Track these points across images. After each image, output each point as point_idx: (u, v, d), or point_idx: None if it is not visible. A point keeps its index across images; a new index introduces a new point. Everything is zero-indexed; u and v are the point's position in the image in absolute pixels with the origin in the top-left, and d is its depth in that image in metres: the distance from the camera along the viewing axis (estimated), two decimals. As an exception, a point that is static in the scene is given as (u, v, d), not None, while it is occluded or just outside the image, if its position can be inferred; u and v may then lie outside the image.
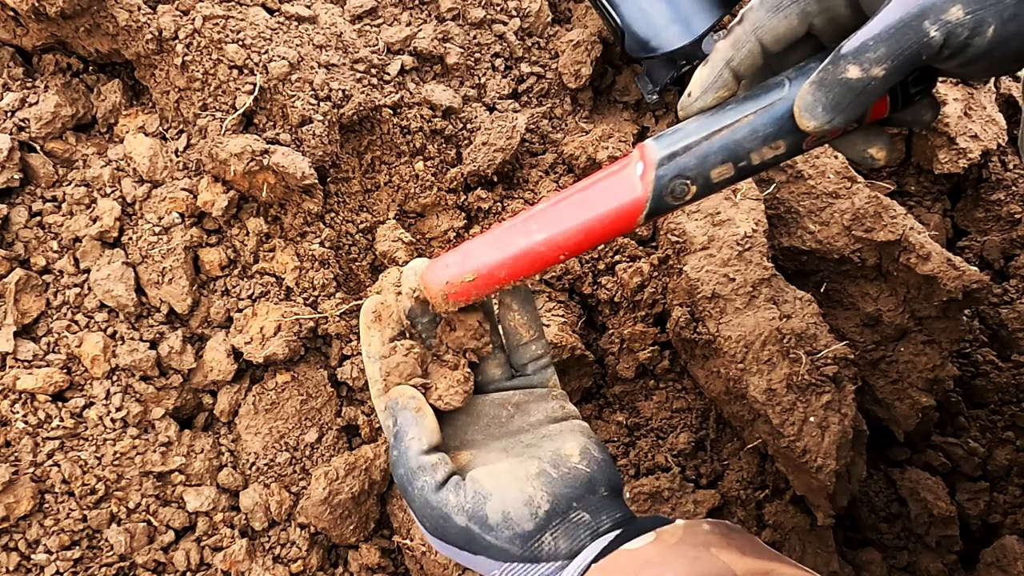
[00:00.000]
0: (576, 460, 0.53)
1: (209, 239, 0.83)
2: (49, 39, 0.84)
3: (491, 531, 0.49)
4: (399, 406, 0.53)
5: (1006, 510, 0.94)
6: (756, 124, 0.48)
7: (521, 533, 0.49)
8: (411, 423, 0.53)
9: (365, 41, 0.91)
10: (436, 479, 0.51)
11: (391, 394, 0.54)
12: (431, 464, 0.51)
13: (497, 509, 0.50)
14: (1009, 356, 1.04)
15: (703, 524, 0.49)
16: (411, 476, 0.51)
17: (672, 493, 0.83)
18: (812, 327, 0.81)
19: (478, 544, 0.50)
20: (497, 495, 0.50)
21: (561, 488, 0.51)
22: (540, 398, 0.57)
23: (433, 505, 0.50)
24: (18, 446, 0.76)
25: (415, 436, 0.52)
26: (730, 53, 0.49)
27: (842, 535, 0.92)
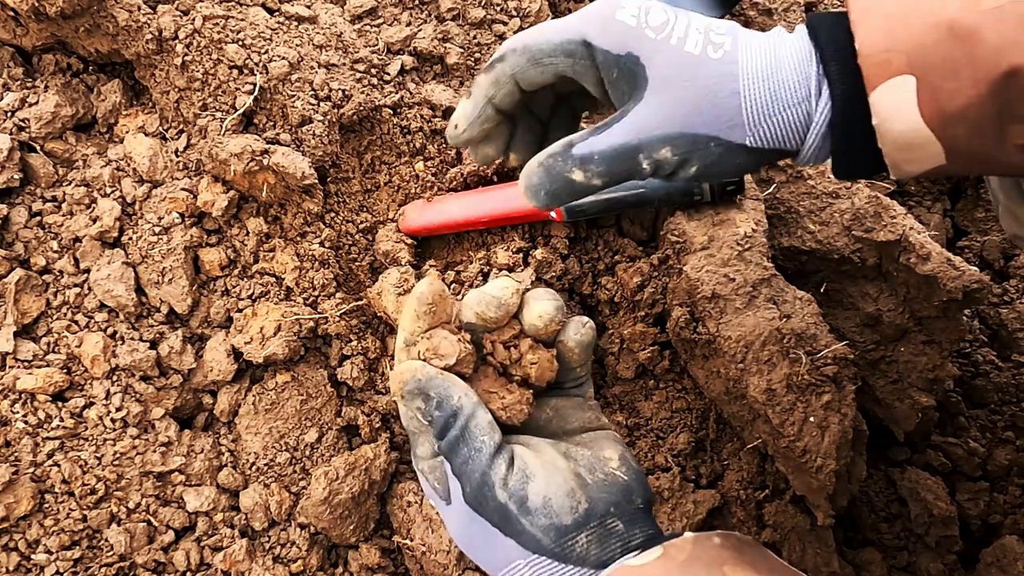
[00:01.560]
0: (615, 465, 0.52)
1: (209, 239, 0.83)
2: (49, 39, 0.84)
3: (528, 515, 0.48)
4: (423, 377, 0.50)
5: (1006, 510, 0.94)
6: None
7: (558, 525, 0.48)
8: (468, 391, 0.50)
9: (365, 41, 0.91)
10: (495, 440, 0.49)
11: (444, 376, 0.51)
12: (491, 425, 0.50)
13: (539, 492, 0.48)
14: (1009, 356, 1.04)
15: (713, 538, 0.48)
16: (471, 435, 0.49)
17: (672, 493, 0.83)
18: (812, 327, 0.81)
19: (512, 526, 0.48)
20: (541, 478, 0.49)
21: (599, 492, 0.50)
22: (577, 407, 0.57)
23: (483, 469, 0.48)
24: (18, 446, 0.76)
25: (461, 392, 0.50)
26: (491, 91, 0.53)
27: (842, 535, 0.92)
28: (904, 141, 0.46)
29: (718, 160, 0.48)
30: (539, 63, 0.51)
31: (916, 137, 0.45)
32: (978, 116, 0.43)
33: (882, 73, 0.44)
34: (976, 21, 0.42)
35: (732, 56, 0.48)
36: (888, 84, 0.44)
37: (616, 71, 0.49)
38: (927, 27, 0.43)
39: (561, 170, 0.50)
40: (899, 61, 0.44)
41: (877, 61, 0.44)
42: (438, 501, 0.52)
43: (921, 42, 0.43)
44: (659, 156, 0.48)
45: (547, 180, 0.50)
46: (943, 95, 0.44)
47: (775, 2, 0.96)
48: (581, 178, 0.49)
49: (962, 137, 0.45)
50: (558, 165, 0.50)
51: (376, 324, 0.86)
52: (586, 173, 0.49)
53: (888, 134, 0.46)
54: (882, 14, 0.45)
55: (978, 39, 0.42)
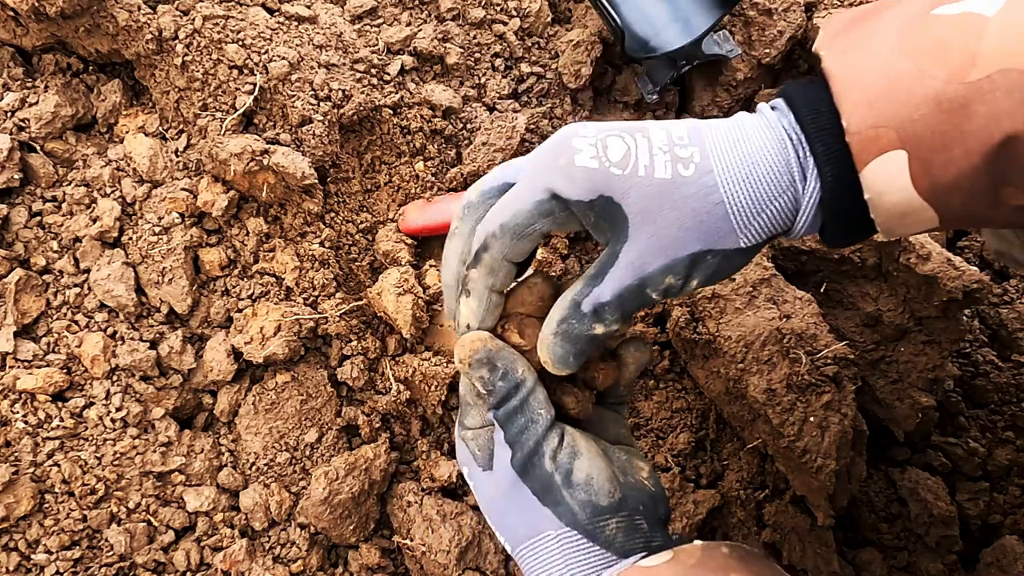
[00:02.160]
0: (645, 475, 0.54)
1: (209, 239, 0.83)
2: (49, 39, 0.84)
3: (570, 487, 0.50)
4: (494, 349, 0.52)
5: (1006, 510, 0.94)
6: None
7: (595, 504, 0.50)
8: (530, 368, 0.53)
9: (365, 41, 0.91)
10: (551, 415, 0.51)
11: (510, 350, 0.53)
12: (548, 401, 0.52)
13: (583, 470, 0.50)
14: (1009, 356, 1.04)
15: (722, 547, 0.49)
16: (529, 407, 0.51)
17: (672, 493, 0.83)
18: (812, 327, 0.81)
19: (552, 496, 0.50)
20: (587, 458, 0.51)
21: (631, 491, 0.52)
22: (613, 421, 0.59)
23: (537, 439, 0.51)
24: (18, 446, 0.76)
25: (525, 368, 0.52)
26: (490, 281, 0.52)
27: (842, 535, 0.92)
28: (898, 211, 0.46)
29: (718, 269, 0.49)
30: (523, 236, 0.51)
31: (910, 207, 0.45)
32: (971, 184, 0.43)
33: (872, 149, 0.44)
34: (964, 94, 0.41)
35: (705, 166, 0.47)
36: (879, 160, 0.44)
37: (593, 216, 0.49)
38: (914, 102, 0.43)
39: (580, 331, 0.50)
40: (888, 136, 0.43)
41: (866, 138, 0.44)
42: (474, 468, 0.54)
43: (909, 117, 0.43)
44: (664, 285, 0.48)
45: (570, 345, 0.50)
46: (935, 168, 0.43)
47: (775, 2, 0.96)
48: (603, 331, 0.50)
49: (956, 203, 0.44)
50: (574, 328, 0.50)
51: (376, 324, 0.86)
52: (604, 323, 0.49)
53: (882, 206, 0.46)
54: (865, 89, 0.44)
55: (968, 112, 0.41)
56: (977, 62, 0.41)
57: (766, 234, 0.48)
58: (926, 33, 0.43)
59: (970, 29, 0.42)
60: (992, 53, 0.41)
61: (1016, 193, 0.43)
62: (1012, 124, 0.40)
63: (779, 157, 0.47)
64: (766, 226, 0.48)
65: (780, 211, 0.47)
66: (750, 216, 0.47)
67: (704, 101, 1.00)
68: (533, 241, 0.51)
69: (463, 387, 0.55)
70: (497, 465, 0.52)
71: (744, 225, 0.47)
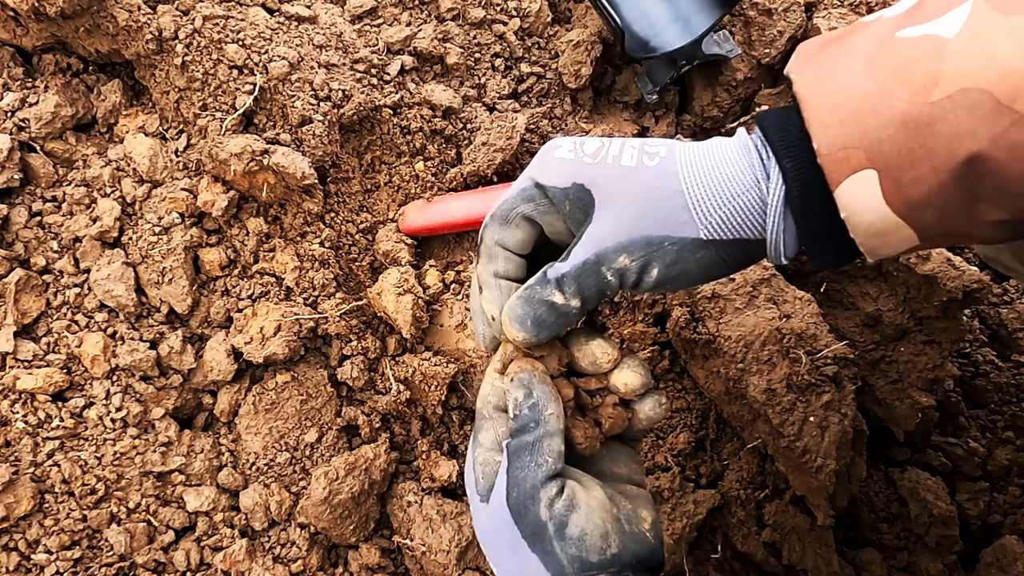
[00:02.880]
0: (647, 527, 0.54)
1: (209, 239, 0.83)
2: (49, 39, 0.84)
3: (562, 540, 0.50)
4: (538, 380, 0.54)
5: (1006, 510, 0.94)
6: None
7: (584, 560, 0.50)
8: (561, 414, 0.53)
9: (365, 41, 0.91)
10: (557, 467, 0.52)
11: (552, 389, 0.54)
12: (560, 454, 0.52)
13: (578, 524, 0.50)
14: (1009, 356, 1.04)
15: None
16: (541, 449, 0.52)
17: (672, 493, 0.83)
18: (812, 327, 0.81)
19: (542, 544, 0.50)
20: (584, 511, 0.51)
21: (630, 543, 0.52)
22: (628, 455, 0.59)
23: (536, 483, 0.51)
24: (18, 446, 0.76)
25: (555, 413, 0.53)
26: (491, 267, 0.55)
27: (842, 535, 0.92)
28: (875, 230, 0.47)
29: (676, 258, 0.49)
30: (508, 220, 0.54)
31: (885, 225, 0.46)
32: (943, 201, 0.44)
33: (843, 170, 0.45)
34: (928, 113, 0.42)
35: (669, 160, 0.50)
36: (851, 180, 0.45)
37: (568, 203, 0.52)
38: (881, 122, 0.44)
39: (539, 296, 0.52)
40: (858, 157, 0.45)
41: (837, 159, 0.45)
42: (473, 494, 0.54)
43: (877, 137, 0.44)
44: (618, 265, 0.50)
45: (530, 308, 0.52)
46: (906, 186, 0.44)
47: (775, 2, 0.96)
48: (561, 300, 0.51)
49: (931, 220, 0.45)
50: (536, 293, 0.52)
51: (376, 324, 0.86)
52: (564, 294, 0.51)
53: (859, 225, 0.47)
54: (835, 111, 0.45)
55: (932, 130, 0.43)
56: (940, 82, 0.42)
57: (732, 231, 0.49)
58: (891, 55, 0.45)
59: (932, 50, 0.43)
60: (953, 73, 0.42)
61: (989, 209, 0.44)
62: (975, 143, 0.42)
63: (743, 160, 0.49)
64: (730, 222, 0.49)
65: (744, 209, 0.49)
66: (710, 208, 0.49)
67: (704, 101, 1.00)
68: (518, 226, 0.54)
69: (486, 395, 0.56)
70: (494, 499, 0.52)
71: (704, 216, 0.49)
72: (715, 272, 0.51)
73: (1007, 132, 0.41)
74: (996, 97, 0.41)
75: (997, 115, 0.41)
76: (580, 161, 0.52)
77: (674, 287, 0.52)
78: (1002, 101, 0.41)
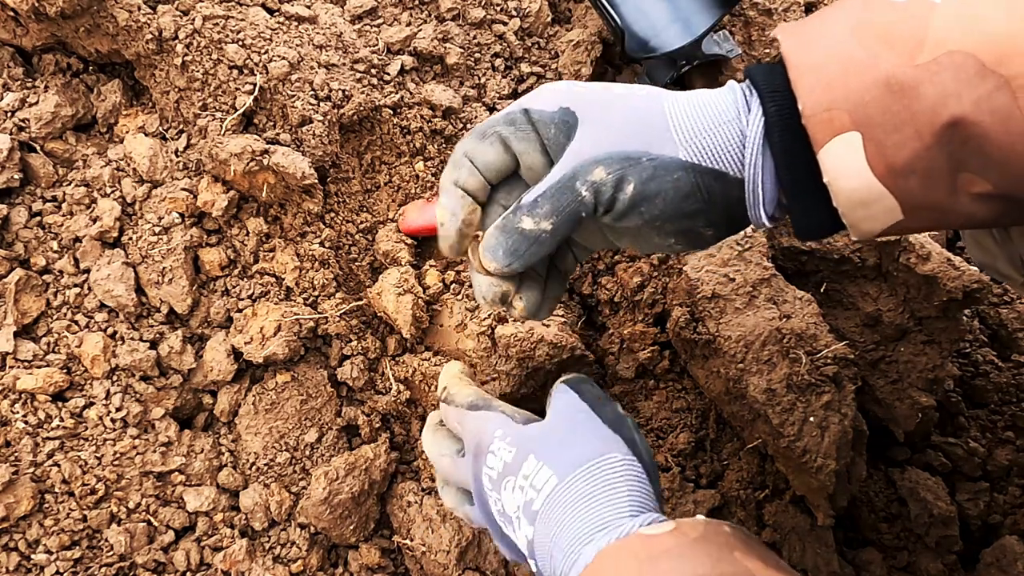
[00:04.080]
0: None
1: (209, 239, 0.83)
2: (49, 39, 0.84)
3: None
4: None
5: (1006, 510, 0.94)
6: None
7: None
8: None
9: (365, 41, 0.91)
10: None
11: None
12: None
13: None
14: (1009, 356, 1.04)
15: (724, 526, 0.50)
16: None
17: (672, 493, 0.82)
18: (812, 327, 0.81)
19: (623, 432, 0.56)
20: None
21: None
22: None
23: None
24: (18, 446, 0.76)
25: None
26: (453, 175, 0.54)
27: (842, 535, 0.92)
28: (858, 198, 0.46)
29: (653, 174, 0.48)
30: (484, 135, 0.53)
31: (869, 193, 0.46)
32: (927, 167, 0.44)
33: (827, 131, 0.45)
34: (912, 75, 0.42)
35: (658, 91, 0.51)
36: (835, 141, 0.45)
37: (553, 127, 0.51)
38: (865, 84, 0.44)
39: (512, 223, 0.51)
40: (842, 118, 0.45)
41: (821, 119, 0.45)
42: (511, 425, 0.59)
43: (861, 100, 0.44)
44: (593, 177, 0.49)
45: (503, 238, 0.51)
46: (889, 149, 0.44)
47: (775, 2, 0.96)
48: (531, 224, 0.50)
49: (915, 189, 0.45)
50: (510, 221, 0.51)
51: (376, 324, 0.86)
52: (534, 218, 0.50)
53: (841, 192, 0.46)
54: (820, 73, 0.45)
55: (916, 93, 0.42)
56: (925, 46, 0.42)
57: (710, 158, 0.49)
58: (878, 19, 0.45)
59: (919, 14, 0.43)
60: (939, 36, 0.42)
61: (974, 179, 0.44)
62: (959, 105, 0.42)
63: (727, 97, 0.50)
64: (710, 149, 0.49)
65: (725, 139, 0.49)
66: (691, 133, 0.49)
67: (704, 101, 1.00)
68: (492, 144, 0.53)
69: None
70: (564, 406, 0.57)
71: (684, 138, 0.49)
72: (690, 205, 0.50)
73: (991, 96, 0.41)
74: (981, 60, 0.41)
75: (981, 78, 0.41)
76: (571, 88, 0.52)
77: (648, 214, 0.50)
78: (987, 64, 0.41)
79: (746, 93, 0.50)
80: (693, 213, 0.50)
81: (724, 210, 0.50)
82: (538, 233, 0.50)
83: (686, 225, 0.51)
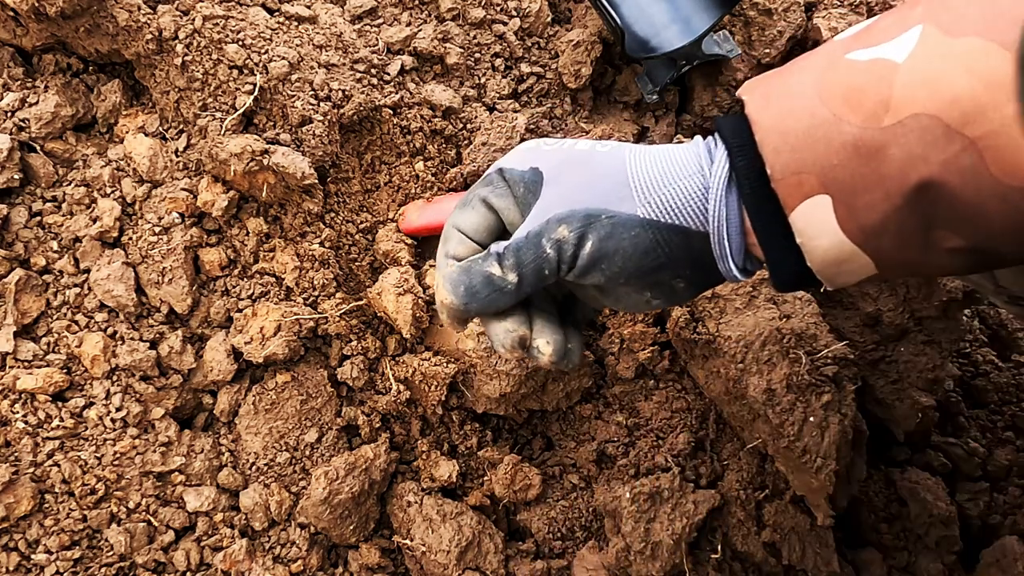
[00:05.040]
0: None
1: (209, 239, 0.83)
2: (49, 39, 0.84)
3: None
4: None
5: (1006, 510, 0.94)
6: None
7: None
8: None
9: (365, 41, 0.91)
10: None
11: None
12: None
13: None
14: (1009, 356, 1.04)
15: None
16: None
17: (672, 493, 0.82)
18: (812, 327, 0.81)
19: None
20: None
21: None
22: None
23: None
24: (18, 446, 0.76)
25: None
26: (444, 248, 0.56)
27: (842, 535, 0.92)
28: (831, 257, 0.46)
29: (611, 232, 0.49)
30: (467, 203, 0.55)
31: (841, 253, 0.46)
32: (899, 227, 0.44)
33: (797, 194, 0.45)
34: (878, 139, 0.42)
35: (620, 148, 0.52)
36: (805, 204, 0.45)
37: (522, 186, 0.53)
38: (832, 148, 0.44)
39: (477, 267, 0.52)
40: (811, 182, 0.44)
41: (790, 183, 0.45)
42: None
43: (829, 163, 0.44)
44: (557, 235, 0.50)
45: (465, 277, 0.53)
46: (860, 211, 0.44)
47: (775, 2, 0.96)
48: (498, 271, 0.52)
49: (888, 247, 0.45)
50: (476, 264, 0.53)
51: (376, 324, 0.86)
52: (503, 268, 0.51)
53: (814, 251, 0.46)
54: (785, 136, 0.45)
55: (883, 156, 0.42)
56: (890, 107, 0.42)
57: (672, 214, 0.49)
58: (841, 79, 0.45)
59: (882, 75, 0.43)
60: (903, 99, 0.42)
61: (946, 236, 0.43)
62: (927, 167, 0.41)
63: (690, 151, 0.50)
64: (670, 204, 0.49)
65: (685, 193, 0.49)
66: (651, 188, 0.49)
67: (704, 101, 1.00)
68: (475, 209, 0.55)
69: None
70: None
71: (643, 194, 0.49)
72: (650, 261, 0.50)
73: (957, 157, 0.41)
74: (946, 123, 0.40)
75: (948, 140, 0.41)
76: (539, 149, 0.54)
77: (608, 271, 0.50)
78: (952, 126, 0.40)
79: (711, 146, 0.50)
80: (656, 268, 0.50)
81: (691, 263, 0.50)
82: (503, 283, 0.52)
83: (651, 280, 0.51)
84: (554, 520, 0.84)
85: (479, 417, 0.88)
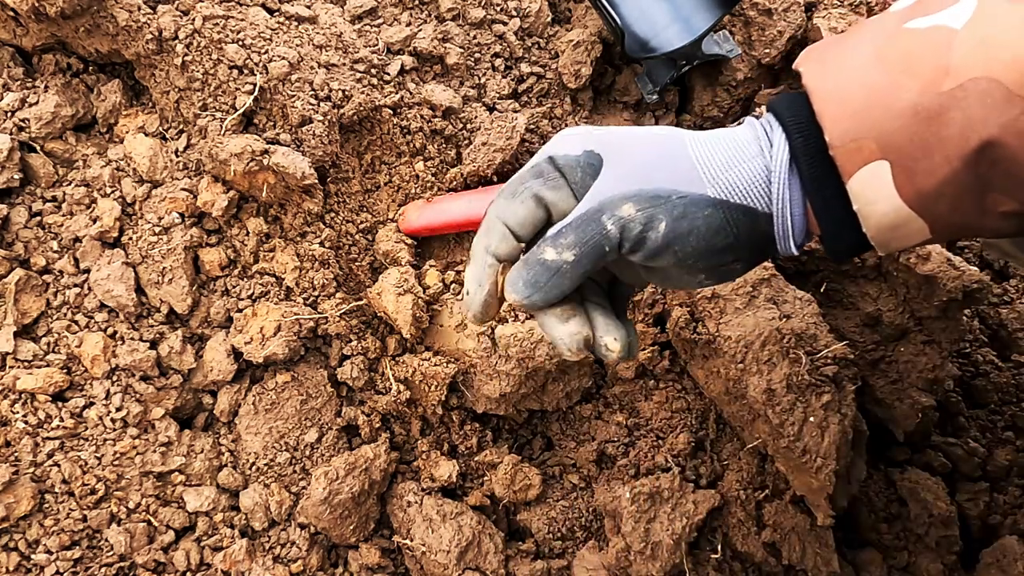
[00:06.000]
0: None
1: (209, 239, 0.83)
2: (49, 39, 0.84)
3: None
4: None
5: (1006, 510, 0.94)
6: None
7: None
8: None
9: (365, 41, 0.91)
10: None
11: None
12: None
13: None
14: (1009, 356, 1.04)
15: None
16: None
17: (672, 493, 0.82)
18: (812, 327, 0.81)
19: None
20: None
21: None
22: None
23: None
24: (18, 446, 0.76)
25: None
26: (484, 241, 0.53)
27: (842, 535, 0.92)
28: (888, 223, 0.47)
29: (685, 212, 0.48)
30: (515, 194, 0.53)
31: (898, 218, 0.46)
32: (956, 190, 0.44)
33: (856, 160, 0.46)
34: (939, 103, 0.43)
35: (678, 131, 0.52)
36: (863, 171, 0.46)
37: (579, 171, 0.52)
38: (891, 113, 0.44)
39: (535, 256, 0.50)
40: (869, 148, 0.45)
41: (848, 150, 0.46)
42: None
43: (888, 128, 0.44)
44: (621, 212, 0.48)
45: (524, 270, 0.51)
46: (918, 176, 0.45)
47: (775, 2, 0.96)
48: (553, 255, 0.50)
49: (944, 211, 0.46)
50: (533, 254, 0.51)
51: (376, 324, 0.86)
52: (556, 248, 0.50)
53: (871, 217, 0.47)
54: (844, 104, 0.46)
55: (944, 120, 0.43)
56: (949, 72, 0.43)
57: (739, 194, 0.49)
58: (899, 47, 0.45)
59: (940, 42, 0.44)
60: (962, 63, 0.43)
61: (1002, 199, 0.44)
62: (987, 129, 0.42)
63: (748, 133, 0.50)
64: (737, 185, 0.49)
65: (749, 176, 0.49)
66: (717, 170, 0.49)
67: (704, 101, 1.00)
68: (524, 203, 0.52)
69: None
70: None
71: (712, 177, 0.49)
72: (721, 240, 0.49)
73: (1018, 119, 0.41)
74: (1006, 85, 0.41)
75: (1008, 103, 0.41)
76: (591, 132, 0.53)
77: (681, 252, 0.49)
78: (1012, 89, 0.41)
79: (766, 128, 0.50)
80: (723, 249, 0.50)
81: (751, 243, 0.50)
82: (560, 264, 0.50)
83: (715, 261, 0.51)
84: (554, 520, 0.84)
85: (479, 417, 0.88)
